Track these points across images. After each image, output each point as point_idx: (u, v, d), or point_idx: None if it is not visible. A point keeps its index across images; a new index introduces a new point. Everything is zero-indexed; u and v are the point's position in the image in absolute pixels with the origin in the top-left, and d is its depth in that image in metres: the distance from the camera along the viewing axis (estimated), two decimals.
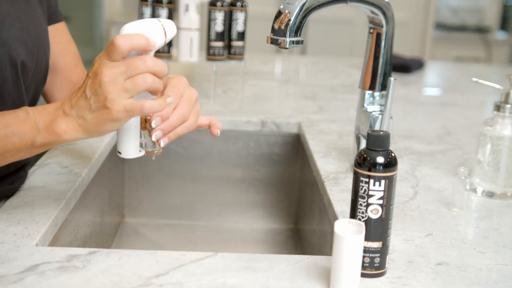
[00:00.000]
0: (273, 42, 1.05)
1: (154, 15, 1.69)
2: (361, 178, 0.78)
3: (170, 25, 0.84)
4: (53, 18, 1.11)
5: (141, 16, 1.71)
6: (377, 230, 0.79)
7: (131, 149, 0.87)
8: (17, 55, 0.93)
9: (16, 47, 0.93)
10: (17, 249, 0.84)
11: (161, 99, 0.81)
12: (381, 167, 0.77)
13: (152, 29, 0.81)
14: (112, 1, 4.62)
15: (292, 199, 1.59)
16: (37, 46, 0.98)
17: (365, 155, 0.79)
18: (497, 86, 1.16)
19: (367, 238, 0.80)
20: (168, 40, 0.84)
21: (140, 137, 0.88)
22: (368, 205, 0.79)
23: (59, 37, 1.13)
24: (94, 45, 4.28)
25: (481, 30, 4.42)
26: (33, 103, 1.04)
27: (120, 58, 0.78)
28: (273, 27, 1.05)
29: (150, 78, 0.78)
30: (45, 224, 0.92)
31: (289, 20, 1.02)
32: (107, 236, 1.39)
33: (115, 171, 1.46)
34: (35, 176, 1.11)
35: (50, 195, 1.03)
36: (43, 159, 1.19)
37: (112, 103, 0.77)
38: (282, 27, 1.03)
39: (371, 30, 1.17)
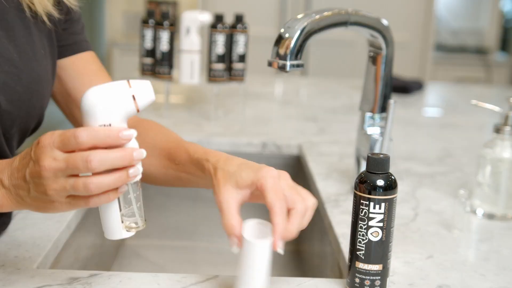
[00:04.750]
0: (274, 65, 1.06)
1: (155, 37, 1.70)
2: (361, 201, 0.79)
3: (143, 90, 0.71)
4: (74, 48, 1.01)
5: (142, 38, 1.73)
6: (378, 252, 0.79)
7: (115, 231, 0.77)
8: None
9: None
10: (18, 272, 0.84)
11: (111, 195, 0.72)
12: (381, 190, 0.78)
13: (120, 97, 0.71)
14: (114, 22, 4.66)
15: None
16: (29, 92, 0.89)
17: (365, 178, 0.79)
18: (496, 109, 1.17)
19: (368, 261, 0.80)
20: (142, 107, 0.72)
21: (122, 221, 0.78)
22: (368, 227, 0.79)
23: (84, 67, 1.02)
24: None
25: (481, 51, 4.44)
26: (17, 147, 0.96)
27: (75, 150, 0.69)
28: (274, 50, 1.05)
29: (93, 185, 0.69)
30: (46, 247, 0.92)
31: (290, 43, 1.03)
32: (108, 258, 1.39)
33: None
34: None
35: (51, 217, 1.04)
36: None
37: (53, 198, 0.71)
38: (283, 50, 1.04)
39: (371, 53, 1.18)
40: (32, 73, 0.89)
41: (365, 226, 0.79)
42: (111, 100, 0.70)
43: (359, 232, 0.79)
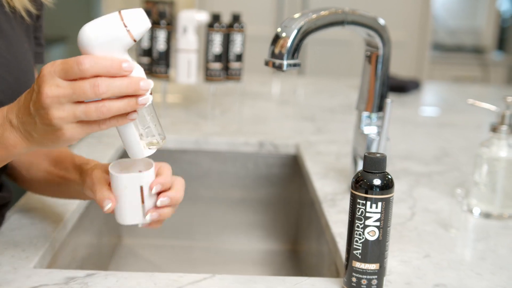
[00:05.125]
0: (271, 65, 1.06)
1: (152, 36, 1.70)
2: (358, 200, 0.79)
3: (135, 19, 0.71)
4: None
5: None
6: (375, 252, 0.79)
7: (136, 151, 0.79)
8: None
9: None
10: (15, 272, 0.84)
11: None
12: (378, 189, 0.78)
13: (113, 29, 0.70)
14: None
15: (290, 220, 1.59)
16: (19, 83, 0.91)
17: (361, 177, 0.79)
18: (493, 108, 1.17)
19: (364, 260, 0.80)
20: (138, 36, 0.72)
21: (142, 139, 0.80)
22: (365, 227, 0.79)
23: None
24: None
25: (478, 50, 4.44)
26: None
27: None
28: (270, 50, 1.06)
29: (105, 108, 0.69)
30: (43, 246, 0.92)
31: (287, 43, 1.03)
32: (104, 257, 1.39)
33: None
34: (33, 198, 1.11)
35: (48, 217, 1.03)
36: None
37: (61, 128, 0.70)
38: (280, 50, 1.04)
39: (368, 53, 1.18)
40: (20, 65, 0.92)
41: (362, 226, 0.79)
42: (105, 34, 0.70)
43: (356, 232, 0.80)
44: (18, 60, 0.92)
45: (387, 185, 0.78)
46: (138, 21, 0.71)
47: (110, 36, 0.70)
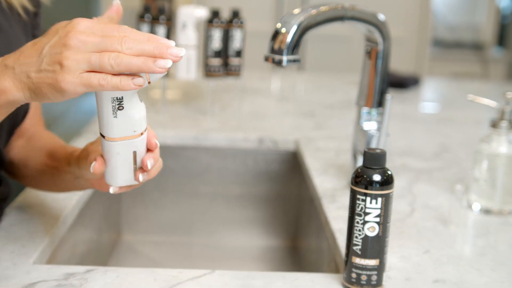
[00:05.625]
0: (271, 60, 1.05)
1: (152, 32, 1.70)
2: (358, 196, 0.79)
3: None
4: None
5: None
6: (374, 247, 0.79)
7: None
8: None
9: None
10: (14, 267, 0.84)
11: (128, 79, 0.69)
12: (378, 185, 0.78)
13: None
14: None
15: (289, 216, 1.59)
16: None
17: (361, 173, 0.79)
18: (493, 104, 1.17)
19: (364, 256, 0.80)
20: (153, 80, 0.72)
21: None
22: (365, 222, 0.79)
23: None
24: None
25: (477, 46, 4.44)
26: (6, 139, 0.98)
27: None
28: (270, 45, 1.05)
29: (120, 59, 0.67)
30: (43, 242, 0.92)
31: (286, 38, 1.03)
32: (104, 253, 1.39)
33: None
34: (33, 193, 1.11)
35: (48, 212, 1.03)
36: None
37: (68, 70, 0.66)
38: (279, 45, 1.04)
39: (368, 48, 1.18)
40: None
41: (362, 221, 0.79)
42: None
43: (356, 227, 0.79)
44: None
45: (387, 181, 0.78)
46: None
47: None
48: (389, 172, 0.79)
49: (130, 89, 0.68)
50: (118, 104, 0.72)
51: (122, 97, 0.72)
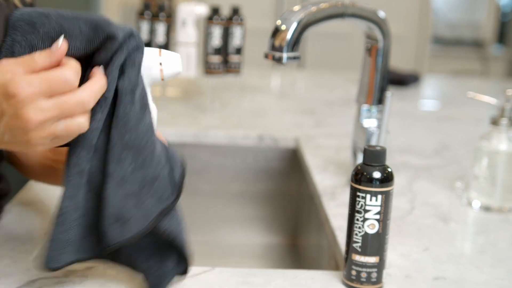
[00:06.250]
0: (271, 57, 1.05)
1: (152, 29, 1.70)
2: (358, 193, 0.79)
3: (171, 61, 0.74)
4: None
5: (138, 30, 1.72)
6: (374, 245, 0.79)
7: None
8: None
9: None
10: (14, 265, 0.84)
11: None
12: (378, 182, 0.78)
13: (148, 62, 0.73)
14: (110, 15, 4.64)
15: (289, 213, 1.59)
16: None
17: (361, 170, 0.79)
18: (493, 101, 1.17)
19: (364, 253, 0.80)
20: (167, 77, 0.75)
21: None
22: (364, 220, 0.79)
23: None
24: None
25: (477, 44, 4.43)
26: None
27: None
28: (270, 42, 1.05)
29: (85, 124, 0.66)
30: (43, 239, 0.92)
31: (286, 35, 1.03)
32: None
33: None
34: (33, 190, 1.11)
35: (48, 209, 1.03)
36: None
37: (36, 144, 0.65)
38: (279, 42, 1.04)
39: (368, 45, 1.18)
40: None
41: (362, 219, 0.79)
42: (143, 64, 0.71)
43: (356, 225, 0.79)
44: None
45: (387, 178, 0.78)
46: (173, 64, 0.74)
47: (143, 66, 0.72)
48: (389, 170, 0.79)
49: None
50: None
51: None
